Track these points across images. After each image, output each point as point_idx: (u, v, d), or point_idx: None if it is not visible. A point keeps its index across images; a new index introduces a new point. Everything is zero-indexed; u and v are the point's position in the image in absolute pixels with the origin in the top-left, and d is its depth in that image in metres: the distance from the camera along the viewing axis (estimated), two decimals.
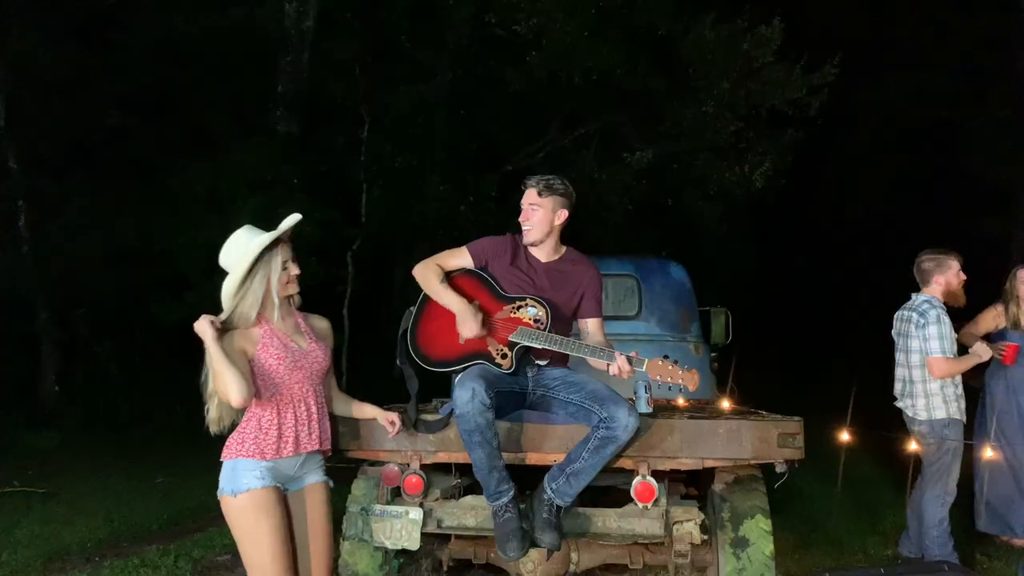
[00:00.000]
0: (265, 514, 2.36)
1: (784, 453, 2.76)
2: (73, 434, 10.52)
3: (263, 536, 2.35)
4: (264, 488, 2.39)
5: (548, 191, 3.05)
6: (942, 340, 3.92)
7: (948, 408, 3.92)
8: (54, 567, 4.61)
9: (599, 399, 2.70)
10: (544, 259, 3.11)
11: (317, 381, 2.60)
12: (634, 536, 2.88)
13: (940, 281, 4.07)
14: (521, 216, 3.10)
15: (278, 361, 2.50)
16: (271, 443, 2.44)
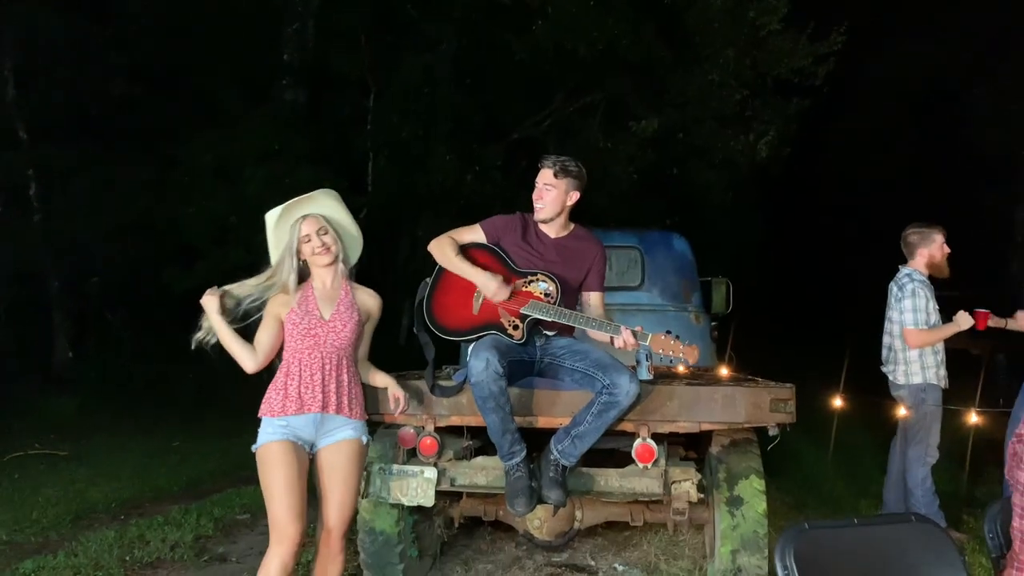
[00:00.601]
0: (275, 465, 2.58)
1: (776, 417, 2.93)
2: (89, 400, 10.72)
3: (273, 485, 2.57)
4: (276, 442, 2.61)
5: (564, 173, 3.17)
6: (915, 312, 4.13)
7: (925, 374, 4.14)
8: (82, 524, 4.84)
9: (603, 367, 2.87)
10: (553, 235, 3.25)
11: (330, 351, 2.72)
12: (635, 494, 3.06)
13: (924, 254, 4.25)
14: (535, 194, 3.22)
15: (293, 326, 2.72)
16: (279, 401, 2.66)
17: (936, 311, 4.20)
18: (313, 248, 2.78)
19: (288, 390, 2.67)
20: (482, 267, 3.13)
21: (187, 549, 4.27)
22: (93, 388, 11.50)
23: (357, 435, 2.75)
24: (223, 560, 4.15)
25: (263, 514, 4.99)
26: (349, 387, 2.76)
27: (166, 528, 4.62)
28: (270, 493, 2.58)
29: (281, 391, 2.68)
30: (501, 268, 3.15)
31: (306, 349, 2.70)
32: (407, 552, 3.45)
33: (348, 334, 2.76)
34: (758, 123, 13.87)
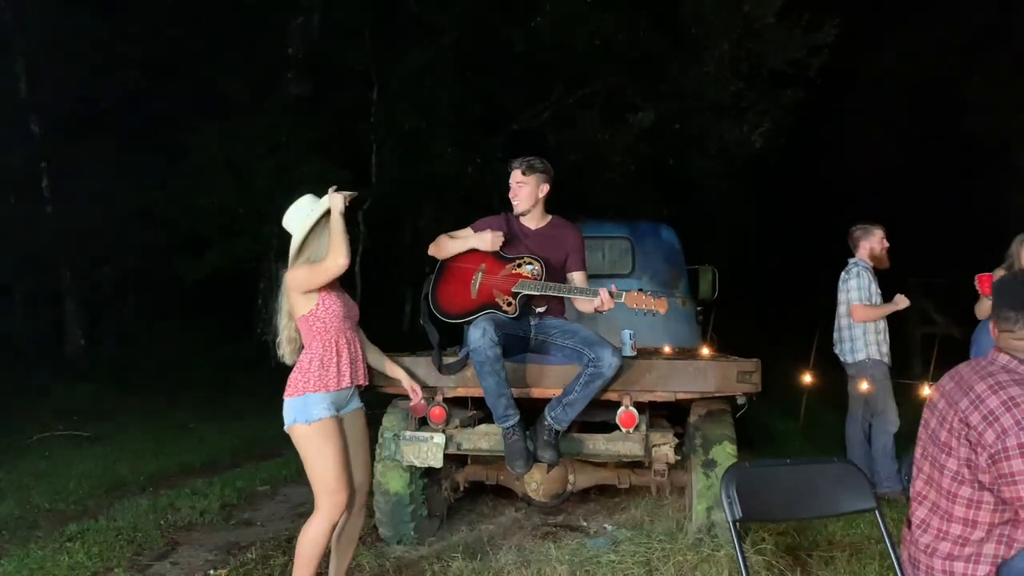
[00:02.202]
0: (332, 439, 2.80)
1: (742, 387, 3.31)
2: (104, 386, 11.05)
3: (330, 457, 2.78)
4: (331, 418, 2.83)
5: (531, 170, 3.65)
6: (860, 290, 4.66)
7: (868, 350, 4.64)
8: (115, 495, 5.24)
9: (589, 343, 3.27)
10: (533, 226, 3.71)
11: (355, 326, 3.07)
12: (619, 456, 3.45)
13: (866, 247, 4.84)
14: (510, 193, 3.70)
15: (339, 307, 2.95)
16: (332, 377, 2.86)
17: (878, 295, 4.69)
18: None
19: (340, 366, 2.89)
20: (475, 260, 3.54)
21: (215, 515, 4.67)
22: (107, 375, 11.81)
23: (360, 404, 3.06)
24: (249, 524, 4.55)
25: (282, 485, 5.41)
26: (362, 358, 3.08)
27: (194, 497, 5.01)
28: (326, 463, 2.78)
29: (331, 367, 2.87)
30: (491, 259, 3.57)
31: (347, 329, 2.97)
32: (418, 512, 3.85)
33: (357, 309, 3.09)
34: (753, 114, 14.15)
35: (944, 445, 1.94)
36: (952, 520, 1.93)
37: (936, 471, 1.97)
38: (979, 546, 1.91)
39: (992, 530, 1.90)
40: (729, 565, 3.32)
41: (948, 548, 1.94)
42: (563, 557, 3.55)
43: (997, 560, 1.91)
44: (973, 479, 1.89)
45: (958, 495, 1.92)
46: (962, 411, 1.91)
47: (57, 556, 3.83)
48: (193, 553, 4.00)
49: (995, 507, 1.89)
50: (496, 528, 4.23)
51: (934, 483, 1.99)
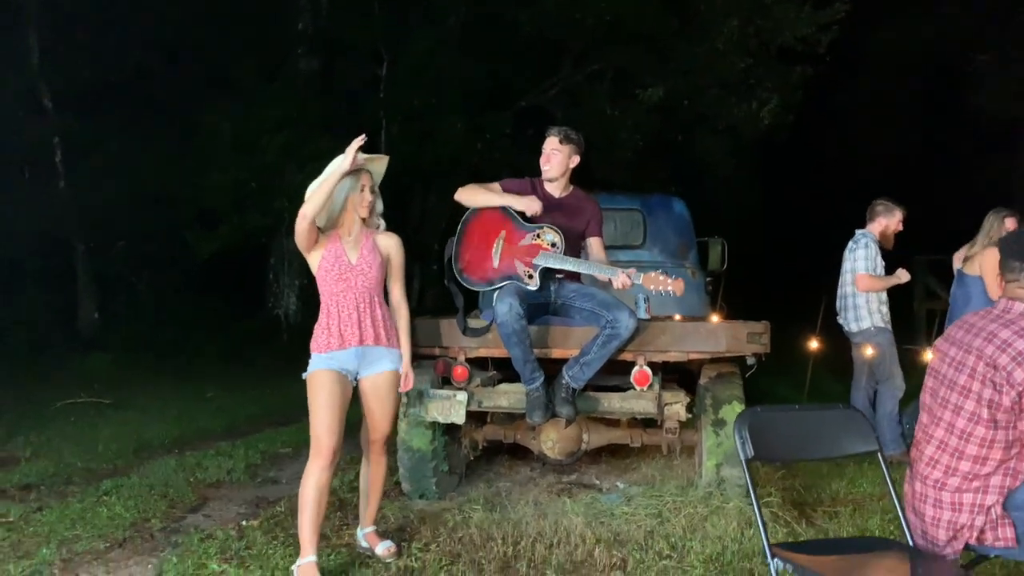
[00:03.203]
0: (319, 389, 2.97)
1: (752, 347, 3.47)
2: (118, 359, 11.24)
3: (316, 405, 2.97)
4: (322, 371, 2.99)
5: (567, 140, 3.79)
6: (866, 260, 4.81)
7: (872, 318, 4.81)
8: (143, 456, 5.43)
9: (606, 305, 3.43)
10: (557, 195, 3.84)
11: (362, 291, 3.08)
12: (633, 413, 3.62)
13: (882, 223, 4.97)
14: (542, 158, 3.82)
15: (326, 272, 3.08)
16: (324, 339, 3.05)
17: (883, 267, 4.82)
18: (363, 199, 3.14)
19: (331, 329, 3.04)
20: (496, 226, 3.68)
21: (241, 474, 4.87)
22: (121, 349, 11.99)
23: (394, 366, 3.14)
24: (274, 482, 4.74)
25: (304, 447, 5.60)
26: (384, 320, 3.14)
27: (219, 458, 5.21)
28: (314, 411, 2.97)
29: (325, 330, 3.05)
30: (511, 225, 3.70)
31: (340, 292, 3.06)
32: (439, 468, 4.03)
33: (375, 274, 3.13)
34: (761, 91, 14.18)
35: (963, 388, 2.11)
36: (963, 458, 2.11)
37: (949, 412, 2.14)
38: (987, 479, 2.09)
39: (1000, 465, 2.08)
40: (738, 517, 3.50)
41: (957, 483, 2.11)
42: (578, 510, 3.73)
43: (1004, 490, 2.08)
44: (991, 419, 2.07)
45: (972, 435, 2.10)
46: (988, 356, 2.08)
47: (96, 508, 4.02)
48: (224, 507, 4.19)
49: (1005, 445, 2.09)
50: (512, 485, 4.41)
51: (944, 423, 2.15)
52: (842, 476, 4.46)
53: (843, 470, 4.60)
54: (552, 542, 3.37)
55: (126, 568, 3.27)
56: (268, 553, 3.31)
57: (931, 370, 2.27)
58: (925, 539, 2.16)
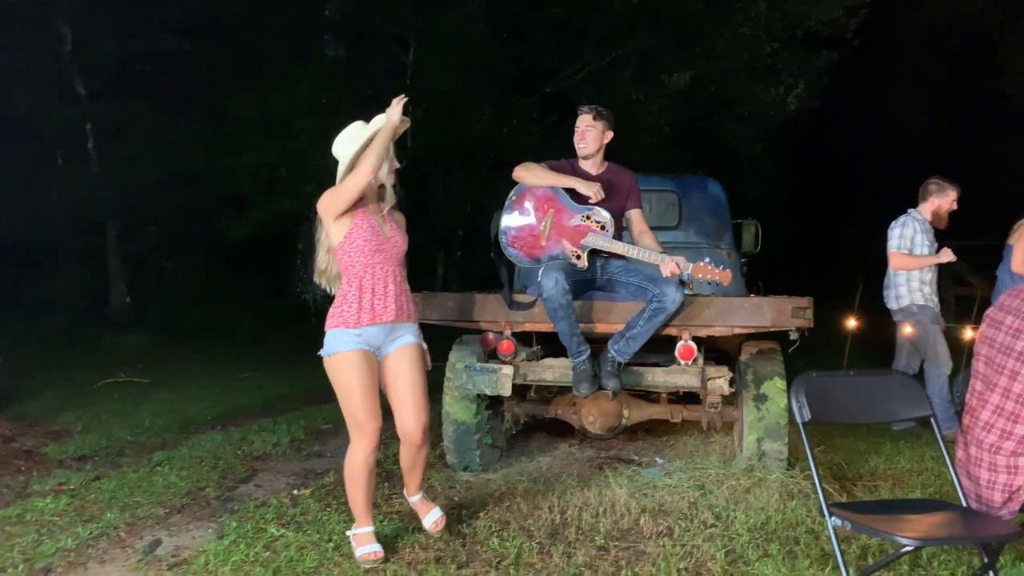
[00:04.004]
0: (353, 372, 2.85)
1: (796, 322, 3.52)
2: (151, 340, 11.44)
3: (353, 389, 2.85)
4: (351, 351, 2.85)
5: (599, 116, 3.87)
6: (900, 239, 4.84)
7: (912, 296, 4.84)
8: (189, 431, 5.58)
9: (653, 280, 3.50)
10: (594, 172, 3.92)
11: (396, 263, 2.99)
12: (676, 387, 3.69)
13: (934, 202, 4.96)
14: (577, 136, 3.89)
15: (364, 243, 2.90)
16: (353, 314, 2.87)
17: (925, 246, 4.83)
18: (391, 166, 3.03)
19: (362, 303, 2.88)
20: (546, 206, 3.74)
21: (286, 447, 5.00)
22: (153, 330, 12.19)
23: (417, 340, 3.02)
24: (319, 455, 4.87)
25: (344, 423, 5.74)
26: (409, 294, 3.05)
27: (263, 433, 5.34)
28: (351, 396, 2.86)
29: (355, 303, 2.88)
30: (560, 204, 3.77)
31: (378, 264, 2.91)
32: (483, 441, 4.13)
33: (404, 246, 3.03)
34: (788, 76, 14.11)
35: (1020, 354, 2.18)
36: (1019, 421, 2.19)
37: (1006, 378, 2.21)
38: None
39: None
40: (779, 489, 3.57)
41: (1013, 446, 2.19)
42: (621, 482, 3.82)
43: None
44: None
45: None
46: None
47: (151, 478, 4.16)
48: (273, 477, 4.31)
49: None
50: (553, 460, 4.50)
51: (1000, 389, 2.21)
52: (879, 453, 4.51)
53: (880, 447, 4.65)
54: (598, 511, 3.46)
55: (187, 531, 3.40)
56: (323, 519, 3.43)
57: (984, 339, 2.33)
58: (979, 502, 2.23)
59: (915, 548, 2.05)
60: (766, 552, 2.98)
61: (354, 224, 2.91)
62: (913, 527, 1.98)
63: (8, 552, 3.06)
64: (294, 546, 3.10)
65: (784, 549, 3.00)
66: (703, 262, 3.47)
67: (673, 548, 3.05)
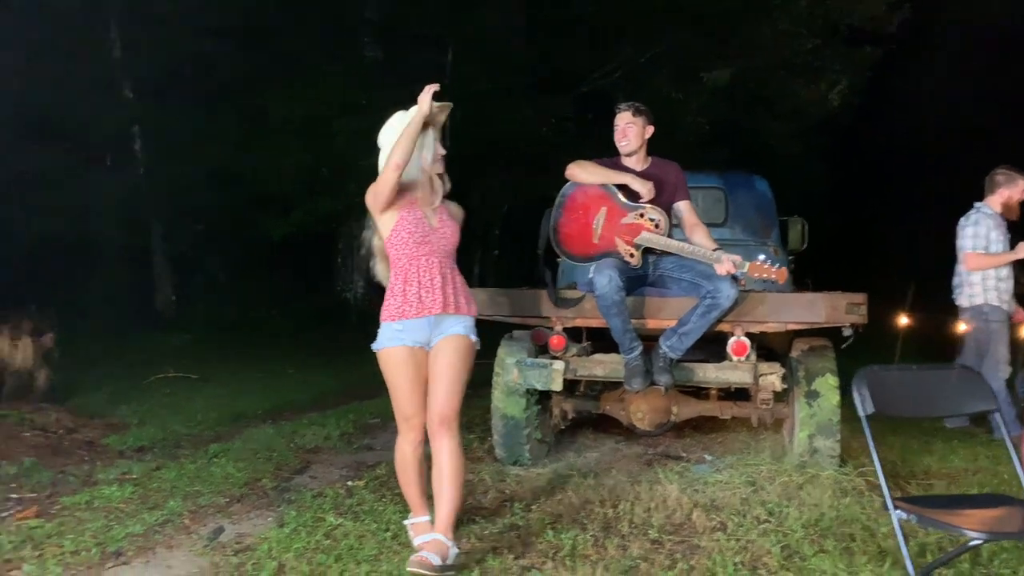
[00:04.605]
0: (397, 370, 2.88)
1: (850, 318, 3.52)
2: (197, 337, 11.67)
3: (398, 386, 2.90)
4: (395, 348, 2.87)
5: (638, 112, 3.90)
6: (975, 239, 4.74)
7: (987, 295, 4.75)
8: (241, 424, 5.71)
9: (707, 276, 3.52)
10: (639, 168, 3.94)
11: (444, 255, 2.93)
12: (728, 383, 3.71)
13: (1003, 194, 4.84)
14: (618, 134, 3.90)
15: (408, 235, 2.88)
16: (397, 306, 2.87)
17: (999, 242, 4.72)
18: (437, 156, 2.97)
19: (408, 295, 2.86)
20: (598, 204, 3.78)
21: (336, 441, 5.10)
22: (197, 327, 12.42)
23: (466, 332, 2.93)
24: (370, 448, 4.96)
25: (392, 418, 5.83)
26: (461, 287, 2.98)
27: (313, 427, 5.44)
28: (398, 391, 2.92)
29: (400, 296, 2.87)
30: (612, 202, 3.80)
31: (423, 255, 2.89)
32: (532, 435, 4.18)
33: (455, 238, 2.98)
34: (829, 72, 13.95)
35: None
36: None
37: None
38: None
39: None
40: (833, 486, 3.56)
41: None
42: (671, 478, 3.83)
43: None
44: None
45: None
46: None
47: (209, 468, 4.27)
48: (326, 470, 4.40)
49: None
50: (601, 455, 4.54)
51: None
52: (931, 452, 4.47)
53: (931, 446, 4.61)
54: (649, 506, 3.48)
55: (248, 519, 3.49)
56: (378, 510, 3.50)
57: None
58: None
59: (982, 542, 2.04)
60: (822, 548, 2.98)
61: (400, 217, 2.90)
62: (980, 522, 1.98)
63: (81, 536, 3.17)
64: (353, 535, 3.17)
65: (840, 545, 2.99)
66: (758, 260, 3.48)
67: (727, 543, 3.06)
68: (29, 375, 5.70)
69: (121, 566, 2.95)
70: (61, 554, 2.99)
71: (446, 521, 2.81)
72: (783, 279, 3.50)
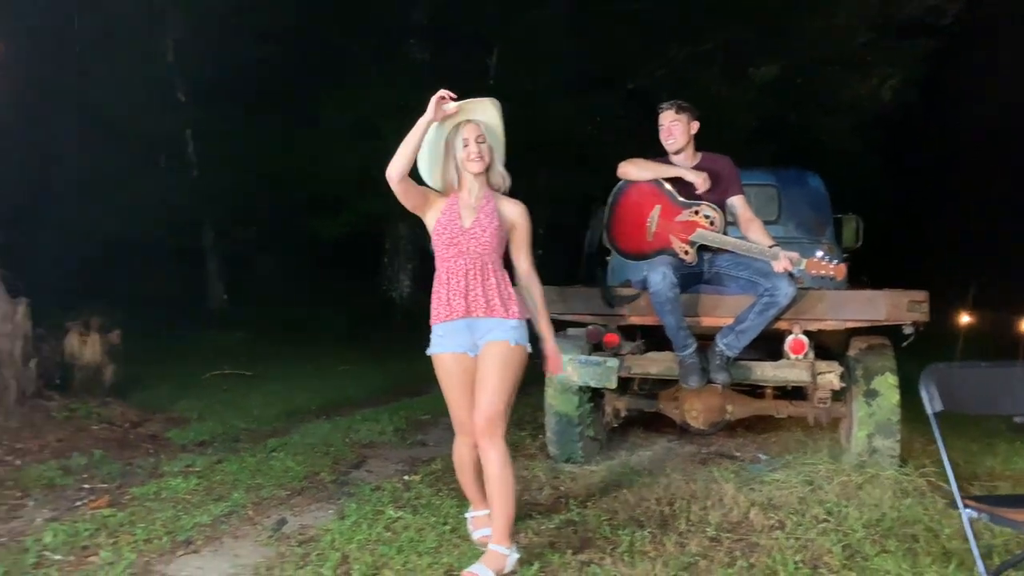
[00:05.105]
0: (443, 376, 2.91)
1: (912, 316, 3.46)
2: (249, 335, 11.91)
3: (447, 391, 2.94)
4: (438, 355, 2.89)
5: (682, 109, 3.88)
6: None
7: None
8: (296, 419, 5.84)
9: (764, 273, 3.50)
10: (689, 165, 3.91)
11: (474, 257, 2.83)
12: (786, 381, 3.68)
13: None
14: (663, 133, 3.89)
15: (439, 236, 2.87)
16: (435, 309, 2.87)
17: None
18: (469, 154, 2.85)
19: (440, 297, 2.86)
20: (650, 202, 3.78)
21: (391, 436, 5.19)
22: (250, 326, 12.66)
23: (505, 337, 2.80)
24: (423, 444, 5.03)
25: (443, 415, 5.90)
26: (498, 289, 2.84)
27: (366, 423, 5.54)
28: (447, 396, 2.96)
29: (436, 298, 2.87)
30: (667, 200, 3.80)
31: (452, 257, 2.84)
32: (585, 433, 4.20)
33: (488, 239, 2.83)
34: (883, 65, 13.64)
35: None
36: None
37: None
38: None
39: None
40: (893, 486, 3.51)
41: None
42: (727, 476, 3.82)
43: None
44: None
45: None
46: None
47: (269, 462, 4.38)
48: (382, 464, 4.49)
49: None
50: (653, 454, 4.54)
51: None
52: (994, 453, 4.37)
53: (994, 447, 4.51)
54: (706, 504, 3.47)
55: (309, 512, 3.58)
56: (436, 503, 3.56)
57: None
58: None
59: None
60: (884, 548, 2.95)
61: (437, 220, 2.88)
62: None
63: (151, 525, 3.29)
64: (413, 527, 3.23)
65: (903, 546, 2.95)
66: (816, 257, 3.45)
67: (786, 541, 3.04)
68: (96, 370, 5.90)
69: (191, 554, 3.05)
70: (134, 541, 3.11)
71: (500, 531, 2.75)
72: (842, 275, 3.48)
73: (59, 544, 3.08)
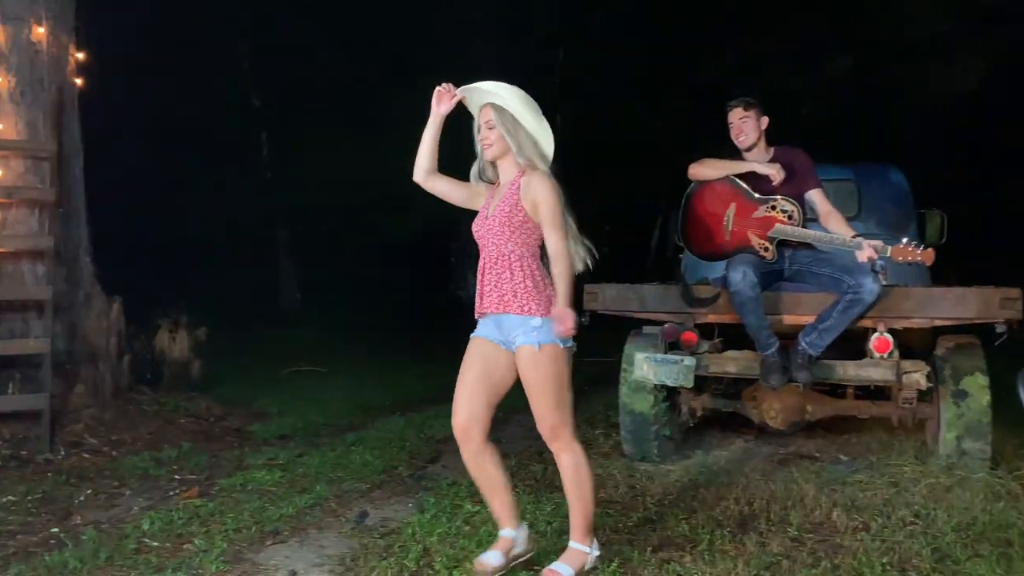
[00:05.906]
0: (466, 355, 2.77)
1: (1004, 314, 3.33)
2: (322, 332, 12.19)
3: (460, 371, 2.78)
4: (473, 337, 2.77)
5: (750, 106, 3.85)
6: None
7: None
8: (371, 415, 5.98)
9: (848, 270, 3.42)
10: (762, 160, 3.83)
11: (491, 249, 2.68)
12: (869, 381, 3.59)
13: None
14: (734, 131, 3.86)
15: (475, 231, 2.76)
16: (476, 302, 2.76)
17: None
18: (479, 139, 2.81)
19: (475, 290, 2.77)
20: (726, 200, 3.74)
21: None
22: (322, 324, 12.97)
23: (530, 342, 2.59)
24: (497, 441, 5.04)
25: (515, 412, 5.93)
26: (514, 284, 2.63)
27: (439, 419, 5.59)
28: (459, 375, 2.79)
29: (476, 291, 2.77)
30: (742, 198, 3.75)
31: (482, 249, 2.73)
32: (660, 432, 4.17)
33: (499, 229, 2.66)
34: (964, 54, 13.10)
35: None
36: None
37: None
38: None
39: None
40: (984, 490, 3.39)
41: None
42: (807, 477, 3.75)
43: None
44: None
45: None
46: None
47: (348, 456, 4.50)
48: (457, 459, 4.41)
49: None
50: (730, 454, 4.48)
51: None
52: None
53: None
54: (786, 504, 3.42)
55: (389, 505, 3.67)
56: None
57: None
58: None
59: None
60: (976, 552, 2.86)
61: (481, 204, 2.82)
62: None
63: (240, 515, 3.43)
64: (490, 522, 3.26)
65: (996, 550, 2.86)
66: (901, 244, 3.36)
67: (872, 543, 2.97)
68: (184, 366, 6.15)
69: (279, 544, 3.17)
70: (224, 531, 3.24)
71: (580, 529, 2.70)
72: (930, 260, 3.38)
73: (156, 531, 3.23)
